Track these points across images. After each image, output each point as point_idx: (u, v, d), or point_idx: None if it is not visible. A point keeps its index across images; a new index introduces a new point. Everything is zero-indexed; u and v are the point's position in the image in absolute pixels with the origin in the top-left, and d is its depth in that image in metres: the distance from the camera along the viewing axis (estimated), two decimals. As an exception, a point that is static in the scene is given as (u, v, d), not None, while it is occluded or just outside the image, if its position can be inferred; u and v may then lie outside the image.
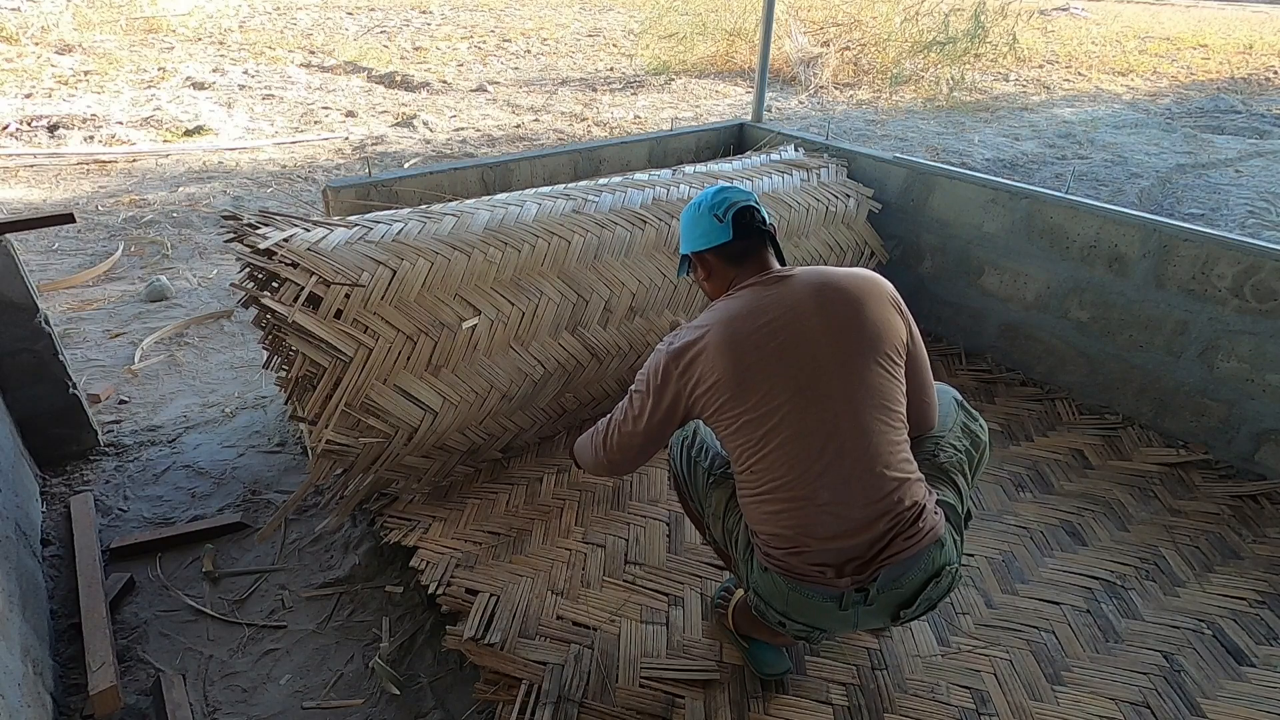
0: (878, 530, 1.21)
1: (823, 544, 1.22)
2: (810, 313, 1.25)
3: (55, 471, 2.33)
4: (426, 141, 6.26)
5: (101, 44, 9.26)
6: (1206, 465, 2.19)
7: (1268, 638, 1.65)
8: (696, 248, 1.39)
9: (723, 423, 1.27)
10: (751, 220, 1.35)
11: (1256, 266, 2.03)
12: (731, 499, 1.40)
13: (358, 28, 11.73)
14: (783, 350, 1.22)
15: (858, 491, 1.21)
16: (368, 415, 1.80)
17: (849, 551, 1.22)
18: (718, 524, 1.45)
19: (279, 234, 1.87)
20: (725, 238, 1.34)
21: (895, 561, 1.21)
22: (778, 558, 1.27)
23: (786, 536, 1.25)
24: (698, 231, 1.38)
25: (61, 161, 5.46)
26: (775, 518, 1.25)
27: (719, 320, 1.27)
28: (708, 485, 1.47)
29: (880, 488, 1.22)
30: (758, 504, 1.28)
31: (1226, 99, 7.95)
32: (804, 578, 1.24)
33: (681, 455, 1.55)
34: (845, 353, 1.24)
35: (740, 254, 1.35)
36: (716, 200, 1.36)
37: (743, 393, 1.23)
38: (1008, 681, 1.55)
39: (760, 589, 1.32)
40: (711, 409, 1.27)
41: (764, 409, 1.22)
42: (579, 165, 2.93)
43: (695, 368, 1.26)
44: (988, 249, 2.62)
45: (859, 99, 8.00)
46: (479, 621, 1.64)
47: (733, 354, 1.23)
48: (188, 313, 3.45)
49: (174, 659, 1.73)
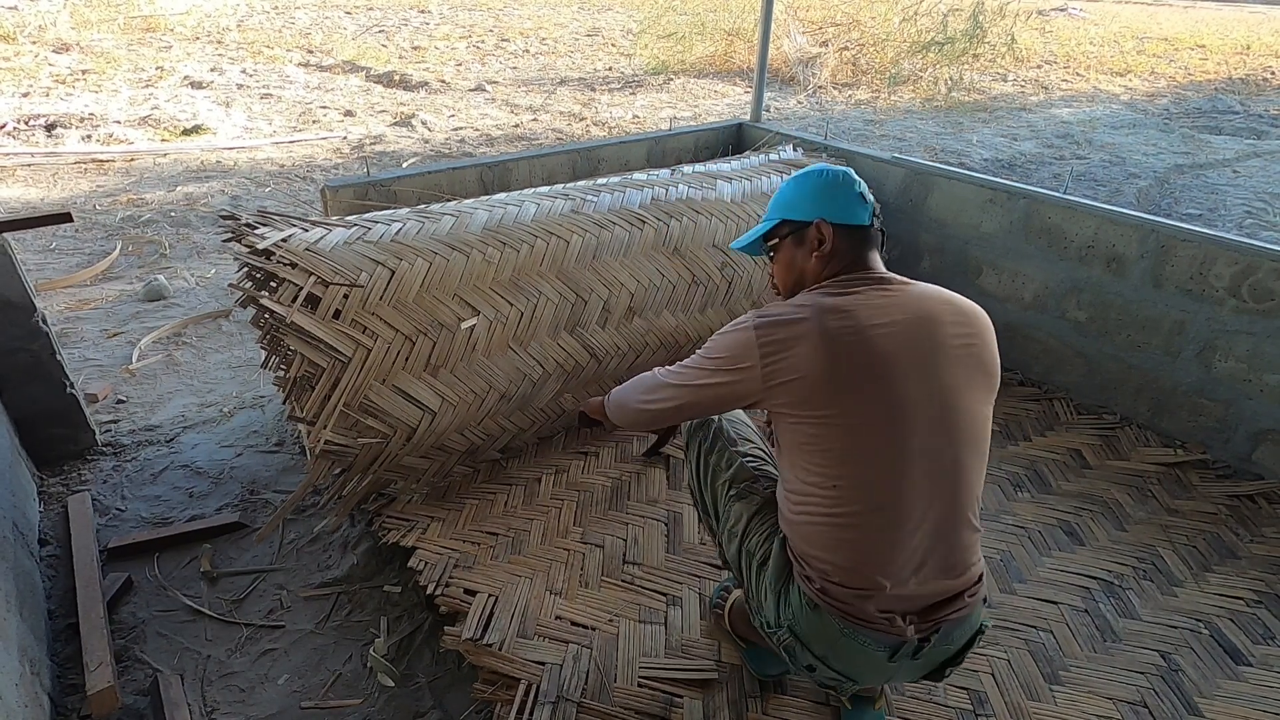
0: (948, 583, 1.11)
1: (898, 589, 1.08)
2: (934, 330, 1.10)
3: (52, 471, 2.32)
4: (425, 141, 6.26)
5: (99, 43, 9.24)
6: (1204, 465, 2.19)
7: (1265, 637, 1.65)
8: (831, 217, 1.21)
9: (802, 422, 1.11)
10: (879, 216, 1.24)
11: (1254, 267, 2.04)
12: (757, 516, 1.25)
13: (356, 27, 11.71)
14: (894, 363, 1.07)
15: (948, 538, 1.10)
16: (366, 416, 1.80)
17: (916, 603, 1.10)
18: (733, 542, 1.30)
19: (277, 234, 1.87)
20: (864, 220, 1.21)
21: (957, 618, 1.11)
22: (840, 597, 1.10)
23: (859, 573, 1.09)
24: (837, 201, 1.21)
25: (59, 161, 5.45)
26: (850, 549, 1.09)
27: (827, 308, 1.10)
28: (729, 497, 1.32)
29: (964, 538, 1.11)
30: (828, 528, 1.11)
31: (1224, 99, 7.96)
32: (866, 623, 1.09)
33: (699, 460, 1.40)
34: (966, 383, 1.11)
35: (863, 242, 1.21)
36: (858, 179, 1.24)
37: (841, 395, 1.07)
38: (1005, 682, 1.55)
39: (800, 628, 1.15)
40: (793, 403, 1.10)
41: (859, 421, 1.07)
42: (577, 165, 2.93)
43: (787, 351, 1.09)
44: (986, 249, 2.62)
45: (857, 99, 8.00)
46: (477, 622, 1.64)
47: (836, 349, 1.06)
48: (185, 312, 3.44)
49: (172, 659, 1.73)
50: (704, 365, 1.20)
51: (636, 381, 1.37)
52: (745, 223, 2.46)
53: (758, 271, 2.46)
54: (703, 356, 1.21)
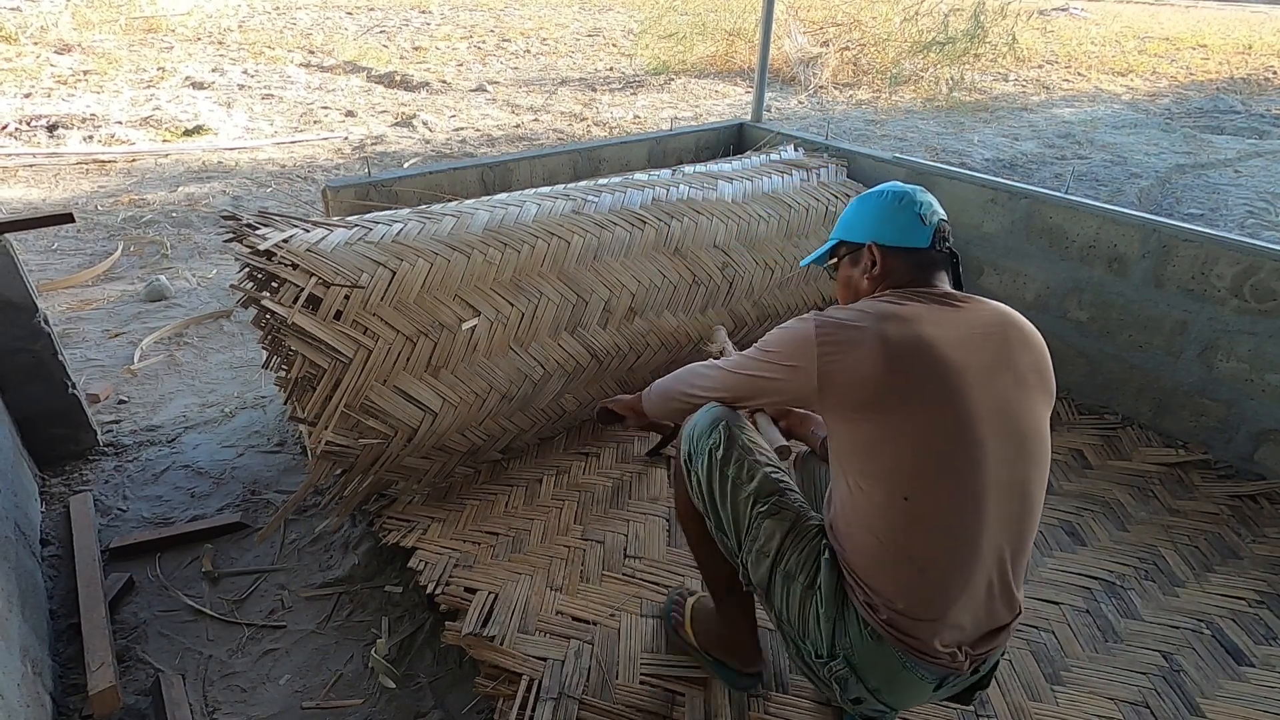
0: (1006, 610, 1.06)
1: (962, 619, 1.03)
2: (993, 346, 1.07)
3: (54, 471, 2.32)
4: (426, 141, 6.26)
5: (101, 44, 9.26)
6: (1206, 465, 2.19)
7: (1267, 637, 1.65)
8: (882, 240, 1.19)
9: (858, 425, 1.06)
10: (948, 238, 1.20)
11: (1256, 266, 2.03)
12: (791, 533, 1.15)
13: (357, 27, 11.72)
14: (963, 373, 1.03)
15: (1014, 567, 1.05)
16: (367, 416, 1.80)
17: (971, 634, 1.05)
18: (764, 563, 1.16)
19: (278, 234, 1.87)
20: (922, 243, 1.18)
21: (996, 650, 1.07)
22: (906, 629, 1.03)
23: (932, 605, 1.02)
24: (893, 224, 1.19)
25: (60, 161, 5.46)
26: (923, 578, 1.02)
27: (886, 314, 1.07)
28: (758, 512, 1.18)
29: (1019, 573, 1.07)
30: (897, 550, 1.04)
31: (1226, 99, 7.95)
32: (929, 656, 1.03)
33: (713, 475, 1.24)
34: (1031, 408, 1.07)
35: (926, 266, 1.18)
36: (922, 199, 1.20)
37: (899, 405, 1.03)
38: (1007, 682, 1.55)
39: (857, 659, 1.07)
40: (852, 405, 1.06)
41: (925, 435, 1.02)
42: (578, 165, 2.93)
43: (846, 353, 1.05)
44: (987, 249, 2.62)
45: (858, 99, 8.00)
46: (477, 617, 1.64)
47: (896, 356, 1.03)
48: (187, 313, 3.45)
49: (173, 659, 1.73)
50: (760, 358, 1.17)
51: (684, 371, 1.35)
52: (746, 223, 2.46)
53: (758, 272, 2.46)
54: (760, 348, 1.19)
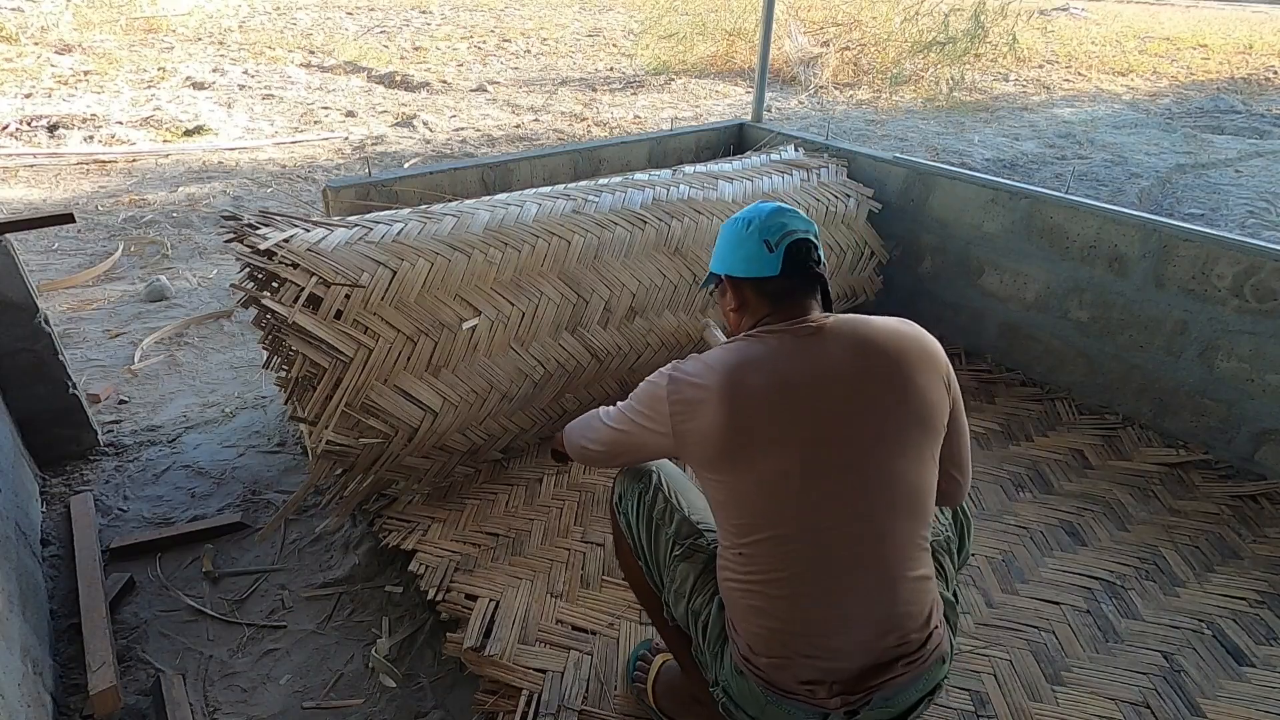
0: (880, 649, 1.03)
1: (811, 661, 1.03)
2: (844, 379, 1.03)
3: (55, 471, 2.32)
4: (426, 141, 6.26)
5: (101, 44, 9.26)
6: (1206, 465, 2.19)
7: (1267, 638, 1.65)
8: (732, 272, 1.16)
9: (710, 484, 1.08)
10: (806, 257, 1.12)
11: (1256, 267, 2.03)
12: (704, 575, 1.19)
13: (357, 28, 11.73)
14: (799, 418, 1.02)
15: (868, 607, 1.03)
16: (368, 416, 1.80)
17: (842, 673, 1.03)
18: (681, 603, 1.22)
19: (279, 234, 1.87)
20: (770, 271, 1.11)
21: (893, 685, 1.04)
22: (759, 665, 1.06)
23: (771, 645, 1.05)
24: (739, 254, 1.15)
25: (61, 161, 5.46)
26: (759, 616, 1.05)
27: (731, 364, 1.05)
28: (673, 555, 1.24)
29: (894, 604, 1.03)
30: (742, 593, 1.07)
31: (1226, 99, 7.95)
32: (788, 694, 1.05)
33: (639, 516, 1.29)
34: (878, 434, 1.03)
35: (782, 294, 1.12)
36: (771, 223, 1.13)
37: (740, 455, 1.02)
38: (1007, 682, 1.55)
39: (732, 691, 1.12)
40: (702, 462, 1.07)
41: (763, 480, 1.02)
42: (579, 165, 2.93)
43: (693, 411, 1.05)
44: (988, 249, 2.62)
45: (859, 99, 8.00)
46: (479, 629, 1.64)
47: (736, 408, 1.02)
48: (187, 313, 3.45)
49: (174, 659, 1.73)
50: (629, 415, 1.17)
51: (583, 420, 1.33)
52: (746, 223, 2.46)
53: (759, 271, 2.45)
54: (629, 404, 1.18)
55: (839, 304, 2.78)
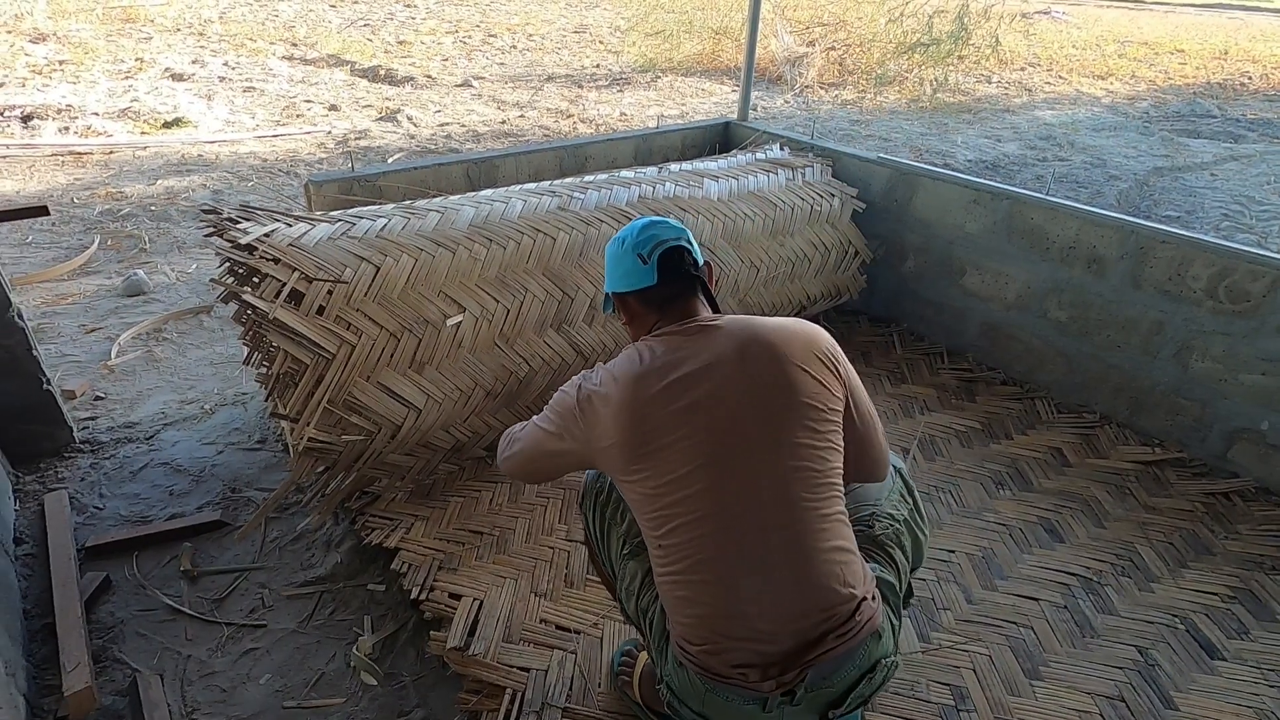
0: (808, 625, 1.06)
1: (741, 644, 1.06)
2: (732, 370, 1.10)
3: (29, 469, 2.28)
4: (410, 136, 6.21)
5: (77, 33, 9.07)
6: (1181, 463, 2.23)
7: (1239, 632, 1.69)
8: (617, 289, 1.25)
9: (625, 487, 1.14)
10: (680, 263, 1.20)
11: (1230, 268, 2.07)
12: (650, 574, 1.22)
13: (341, 20, 11.59)
14: (695, 412, 1.08)
15: (786, 580, 1.06)
16: (350, 413, 1.79)
17: (773, 653, 1.06)
18: (631, 601, 1.28)
19: (260, 229, 1.85)
20: (648, 281, 1.20)
21: (827, 659, 1.05)
22: (693, 654, 1.09)
23: (700, 632, 1.09)
24: (619, 270, 1.23)
25: (35, 153, 5.35)
26: (687, 606, 1.10)
27: (631, 373, 1.12)
28: (623, 554, 1.29)
29: (812, 575, 1.07)
30: (670, 586, 1.12)
31: (1202, 103, 8.08)
32: (723, 679, 1.08)
33: (595, 514, 1.36)
34: (770, 417, 1.09)
35: (664, 300, 1.21)
36: (642, 238, 1.21)
37: (646, 457, 1.08)
38: (986, 678, 1.57)
39: (674, 685, 1.15)
40: (613, 468, 1.14)
41: (669, 477, 1.07)
42: (564, 162, 2.92)
43: (598, 423, 1.12)
44: (969, 249, 2.65)
45: (844, 99, 8.04)
46: (462, 628, 1.63)
47: (636, 413, 1.09)
48: (166, 308, 3.40)
49: (151, 659, 1.71)
50: (544, 425, 1.23)
51: (508, 432, 1.35)
52: (731, 221, 2.47)
53: (744, 270, 2.47)
54: (545, 415, 1.23)
55: (823, 302, 2.80)
